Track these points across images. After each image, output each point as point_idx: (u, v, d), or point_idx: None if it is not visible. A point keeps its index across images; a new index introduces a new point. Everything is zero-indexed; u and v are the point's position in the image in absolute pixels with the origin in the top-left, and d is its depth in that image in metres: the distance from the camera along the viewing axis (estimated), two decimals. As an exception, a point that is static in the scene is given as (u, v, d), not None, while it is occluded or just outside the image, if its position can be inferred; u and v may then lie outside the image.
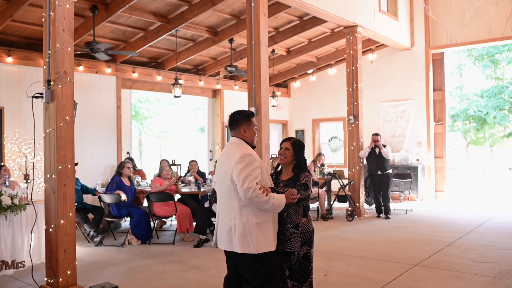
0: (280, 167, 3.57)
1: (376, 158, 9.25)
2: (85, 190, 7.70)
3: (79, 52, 7.75)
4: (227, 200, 3.12)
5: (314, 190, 8.96)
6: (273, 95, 11.95)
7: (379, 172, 9.22)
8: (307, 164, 10.25)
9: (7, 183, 6.06)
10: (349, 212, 8.95)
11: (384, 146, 9.30)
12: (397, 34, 11.00)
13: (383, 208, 9.23)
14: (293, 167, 3.46)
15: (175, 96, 9.52)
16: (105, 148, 9.41)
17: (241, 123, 3.20)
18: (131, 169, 7.52)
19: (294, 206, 3.32)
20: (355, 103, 9.40)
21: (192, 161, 9.23)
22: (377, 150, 9.22)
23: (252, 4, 6.82)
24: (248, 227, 3.01)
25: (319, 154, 10.44)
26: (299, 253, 3.34)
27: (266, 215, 3.08)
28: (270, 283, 3.10)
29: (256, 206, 2.98)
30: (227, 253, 3.24)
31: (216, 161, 3.84)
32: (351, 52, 9.47)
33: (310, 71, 13.33)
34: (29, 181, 7.86)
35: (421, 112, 11.50)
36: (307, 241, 3.37)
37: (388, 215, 9.07)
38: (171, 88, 9.68)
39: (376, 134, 9.34)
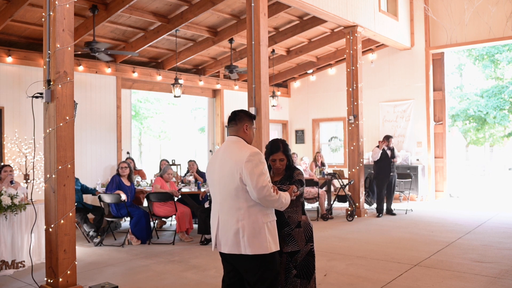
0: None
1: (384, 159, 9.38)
2: (85, 190, 7.70)
3: (79, 52, 7.75)
4: (233, 201, 2.97)
5: (314, 190, 8.97)
6: (273, 95, 11.95)
7: (385, 173, 9.34)
8: (308, 165, 10.16)
9: (14, 182, 6.11)
10: (349, 212, 8.96)
11: (392, 149, 9.40)
12: (397, 34, 11.00)
13: (385, 208, 9.35)
14: (285, 168, 3.47)
15: (175, 96, 9.52)
16: (105, 148, 9.41)
17: (245, 120, 3.13)
18: (127, 168, 7.42)
19: (294, 205, 3.35)
20: (355, 103, 9.41)
21: (191, 161, 9.29)
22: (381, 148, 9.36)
23: (252, 4, 6.82)
24: (258, 227, 2.93)
25: (317, 153, 10.48)
26: (305, 250, 3.39)
27: (273, 214, 3.05)
28: (276, 284, 3.04)
29: (267, 204, 2.94)
30: (228, 257, 3.05)
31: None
32: (351, 52, 9.47)
33: (310, 71, 13.33)
34: (29, 181, 7.87)
35: (421, 112, 11.49)
36: (310, 237, 3.44)
37: (393, 213, 9.32)
38: (171, 88, 9.69)
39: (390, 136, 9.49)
